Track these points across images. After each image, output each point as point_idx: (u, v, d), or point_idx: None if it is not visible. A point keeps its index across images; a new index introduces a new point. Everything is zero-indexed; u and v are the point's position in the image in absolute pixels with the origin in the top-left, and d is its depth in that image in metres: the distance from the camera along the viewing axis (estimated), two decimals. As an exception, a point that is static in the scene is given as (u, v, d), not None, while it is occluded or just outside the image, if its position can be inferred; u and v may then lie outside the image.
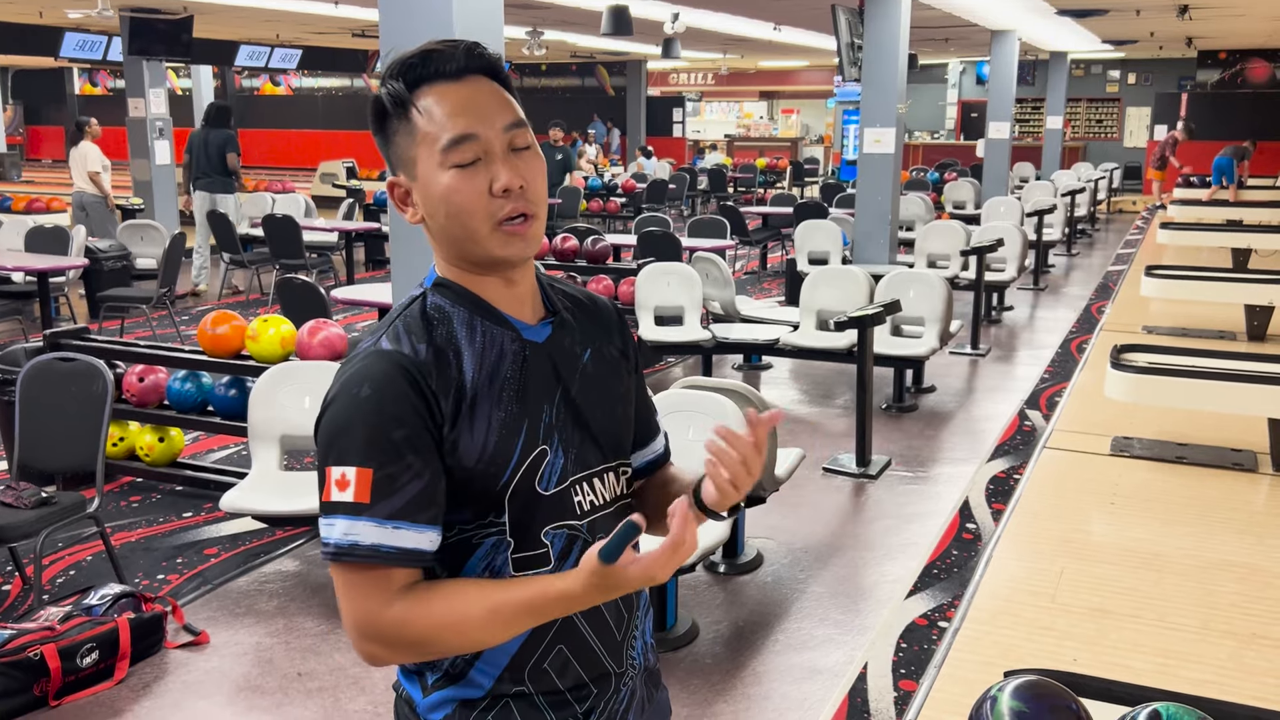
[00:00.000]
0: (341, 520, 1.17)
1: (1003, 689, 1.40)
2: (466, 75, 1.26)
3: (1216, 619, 2.30)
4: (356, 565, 1.17)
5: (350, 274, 10.44)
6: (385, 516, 1.17)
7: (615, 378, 1.39)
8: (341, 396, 1.20)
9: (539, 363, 1.29)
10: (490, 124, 1.24)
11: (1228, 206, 9.08)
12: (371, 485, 1.16)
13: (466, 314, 1.27)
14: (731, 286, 7.07)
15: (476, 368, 1.24)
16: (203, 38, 13.29)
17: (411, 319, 1.26)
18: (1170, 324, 4.96)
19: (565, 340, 1.33)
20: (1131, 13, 12.06)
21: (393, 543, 1.17)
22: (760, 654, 3.48)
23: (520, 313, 1.30)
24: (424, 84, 1.25)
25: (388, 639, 1.18)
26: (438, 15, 3.97)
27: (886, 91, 8.79)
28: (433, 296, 1.29)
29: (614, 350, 1.40)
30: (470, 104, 1.24)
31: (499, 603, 1.17)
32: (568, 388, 1.30)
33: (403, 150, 1.26)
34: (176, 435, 4.91)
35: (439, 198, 1.24)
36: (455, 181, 1.23)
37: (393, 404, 1.18)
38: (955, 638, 2.22)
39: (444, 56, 1.25)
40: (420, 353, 1.21)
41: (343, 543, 1.16)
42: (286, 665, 3.40)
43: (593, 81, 23.70)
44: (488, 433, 1.22)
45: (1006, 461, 5.26)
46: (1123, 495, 3.03)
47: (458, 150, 1.23)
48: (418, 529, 1.18)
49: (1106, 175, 17.25)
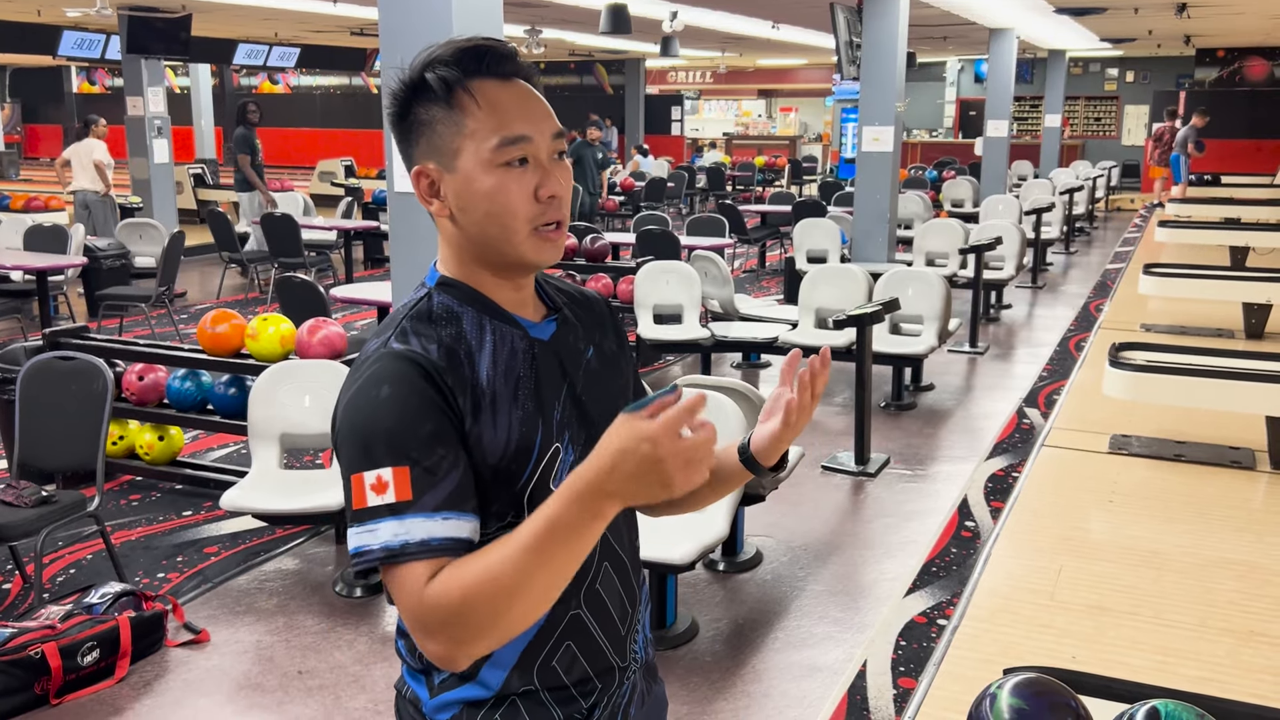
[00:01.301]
0: (387, 522, 1.13)
1: (1002, 686, 1.41)
2: (514, 78, 1.26)
3: (1215, 616, 2.30)
4: (409, 564, 1.13)
5: (349, 272, 10.44)
6: (433, 509, 1.14)
7: (616, 372, 1.40)
8: (360, 400, 1.18)
9: (547, 360, 1.29)
10: (541, 129, 1.24)
11: (1181, 204, 9.03)
12: (411, 481, 1.14)
13: (475, 313, 1.27)
14: (730, 285, 7.07)
15: (490, 367, 1.23)
16: (201, 36, 13.29)
17: (418, 319, 1.25)
18: (1169, 322, 4.97)
19: (569, 337, 1.34)
20: (1130, 11, 12.07)
21: (444, 534, 1.14)
22: (760, 652, 3.49)
23: (524, 311, 1.31)
24: (477, 77, 1.23)
25: (438, 619, 1.11)
26: (437, 13, 3.97)
27: (885, 90, 8.80)
28: (439, 296, 1.28)
29: (611, 345, 1.41)
30: (524, 106, 1.24)
31: (521, 531, 1.10)
32: (574, 384, 1.31)
33: (443, 140, 1.23)
34: (176, 434, 4.92)
35: (482, 194, 1.22)
36: (502, 181, 1.22)
37: (415, 400, 1.17)
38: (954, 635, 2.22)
39: (498, 56, 1.24)
40: (431, 352, 1.21)
41: (393, 544, 1.12)
42: (287, 663, 3.41)
43: (591, 80, 23.70)
44: (510, 430, 1.22)
45: (1005, 459, 5.27)
46: (1121, 493, 3.04)
47: (510, 149, 1.22)
48: (465, 517, 1.16)
49: (1105, 173, 17.26)
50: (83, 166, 10.12)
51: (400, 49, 4.17)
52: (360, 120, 25.34)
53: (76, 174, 10.22)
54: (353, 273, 10.51)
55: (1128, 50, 18.94)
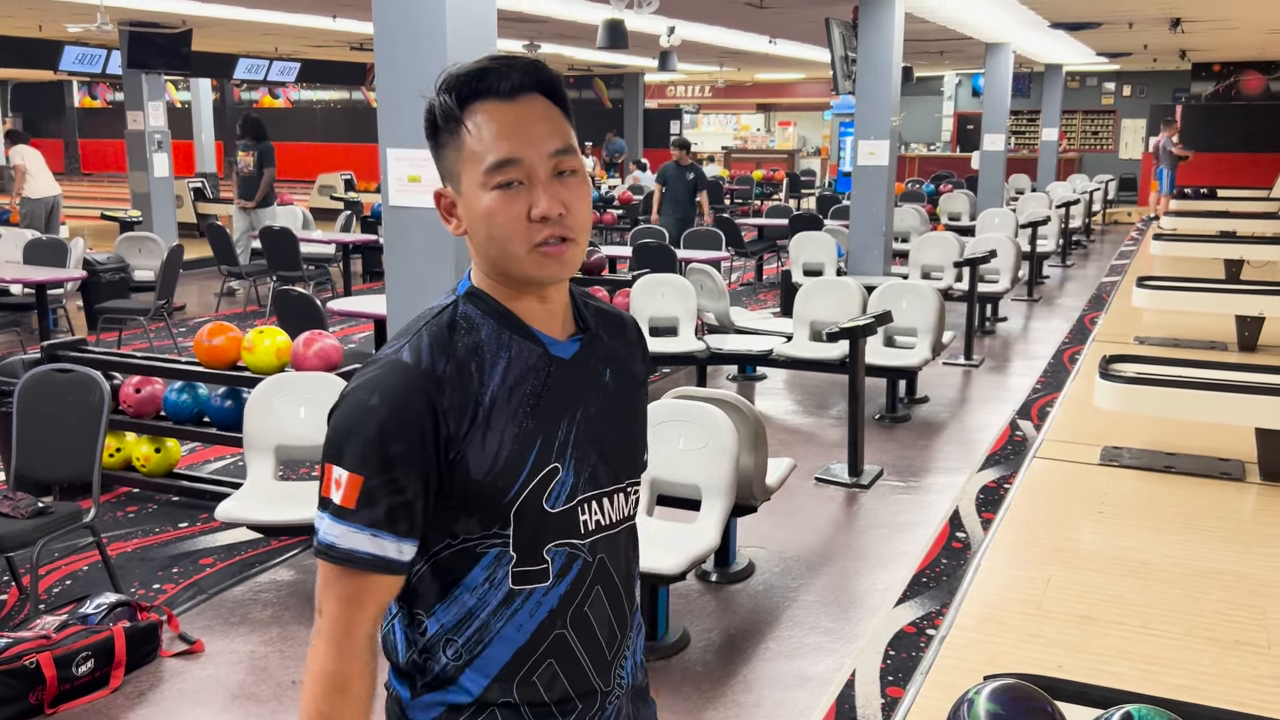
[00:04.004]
0: (327, 520, 1.23)
1: (979, 692, 1.42)
2: (521, 94, 1.26)
3: (1200, 626, 2.32)
4: (334, 566, 1.24)
5: (347, 286, 10.47)
6: (367, 523, 1.21)
7: (634, 396, 1.40)
8: (354, 399, 1.23)
9: (562, 379, 1.30)
10: (536, 148, 1.24)
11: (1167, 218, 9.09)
12: (360, 492, 1.20)
13: (495, 326, 1.28)
14: (726, 297, 7.10)
15: (499, 381, 1.25)
16: (202, 51, 13.35)
17: (438, 328, 1.27)
18: (1162, 334, 5.00)
19: (591, 359, 1.34)
20: (1124, 26, 12.13)
21: (368, 549, 1.22)
22: (750, 662, 3.50)
23: (550, 328, 1.32)
24: (476, 100, 1.24)
25: (317, 650, 1.24)
26: (432, 28, 4.00)
27: (880, 104, 8.85)
28: (464, 305, 1.30)
29: (635, 368, 1.42)
30: (518, 126, 1.24)
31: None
32: (587, 406, 1.31)
33: (450, 164, 1.28)
34: (173, 446, 4.93)
35: (479, 216, 1.25)
36: (495, 204, 1.24)
37: (398, 417, 1.20)
38: (942, 645, 2.24)
39: (498, 74, 1.25)
40: (439, 367, 1.23)
41: (324, 540, 1.23)
42: (281, 673, 3.42)
43: (590, 94, 23.78)
44: (499, 446, 1.23)
45: (997, 471, 5.28)
46: (1111, 504, 3.06)
47: (500, 173, 1.23)
48: (395, 538, 1.23)
49: (1101, 187, 17.31)
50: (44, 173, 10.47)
51: (396, 64, 4.20)
52: (360, 134, 25.39)
53: (44, 182, 10.53)
54: (351, 286, 10.53)
55: (1124, 64, 19.02)
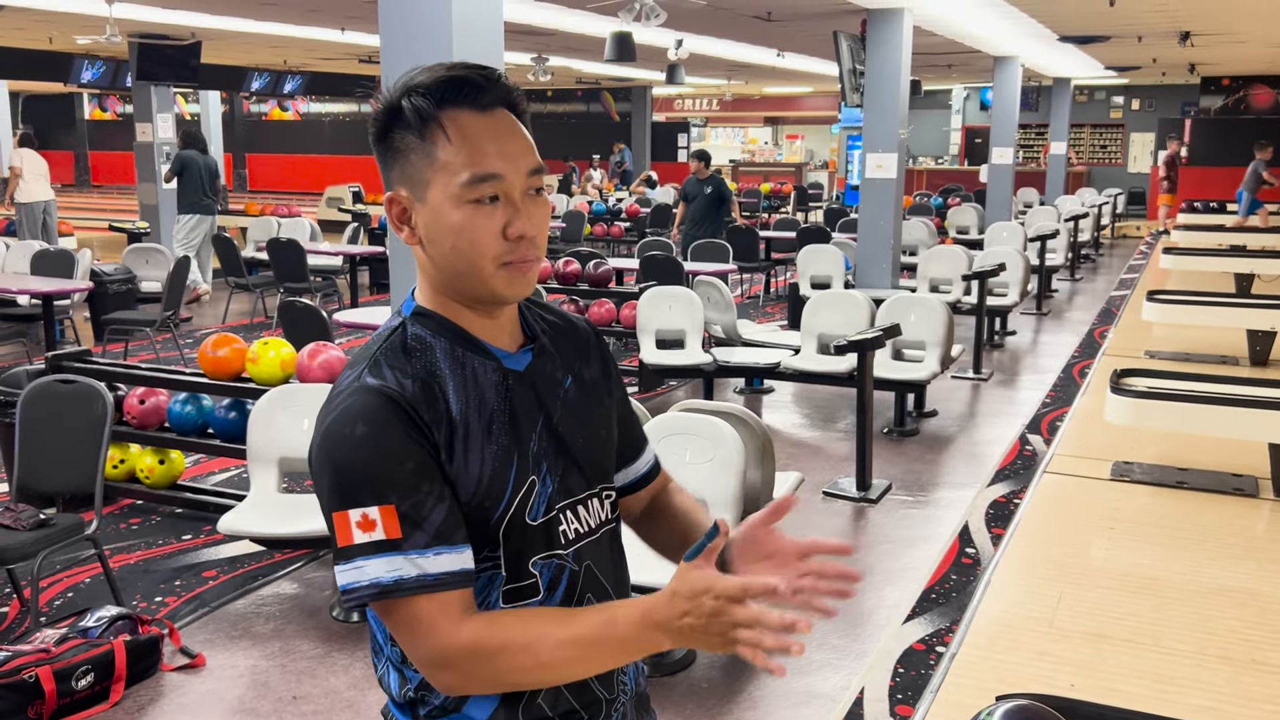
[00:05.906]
0: (377, 560, 1.15)
1: (992, 713, 1.39)
2: (494, 108, 1.23)
3: (1214, 644, 2.28)
4: (409, 599, 1.15)
5: (354, 297, 10.48)
6: (424, 545, 1.15)
7: (596, 401, 1.38)
8: (335, 437, 1.17)
9: (522, 392, 1.27)
10: (516, 166, 1.22)
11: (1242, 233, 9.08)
12: (400, 519, 1.15)
13: (448, 344, 1.25)
14: (733, 310, 7.07)
15: (462, 401, 1.22)
16: (211, 63, 13.40)
17: (391, 351, 1.24)
18: (1173, 349, 4.95)
19: (546, 367, 1.32)
20: (1133, 39, 12.11)
21: (439, 569, 1.15)
22: (757, 679, 3.46)
23: (500, 340, 1.29)
24: (452, 108, 1.21)
25: (463, 663, 1.16)
26: (438, 40, 4.00)
27: (888, 117, 8.83)
28: (412, 327, 1.27)
29: (594, 372, 1.39)
30: (499, 142, 1.22)
31: (577, 620, 1.17)
32: (550, 415, 1.29)
33: (415, 170, 1.22)
34: (177, 458, 4.91)
35: (449, 229, 1.21)
36: (470, 218, 1.20)
37: (394, 437, 1.16)
38: (952, 663, 2.20)
39: (477, 86, 1.22)
40: (406, 387, 1.19)
41: (385, 580, 1.14)
42: (282, 688, 3.38)
43: (598, 107, 23.83)
44: (482, 466, 1.21)
45: (1007, 486, 5.24)
46: (1122, 520, 3.02)
47: (479, 187, 1.20)
48: (456, 550, 1.17)
49: (1110, 200, 17.27)
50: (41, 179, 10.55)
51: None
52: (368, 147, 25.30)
53: (41, 187, 10.60)
54: (358, 297, 10.54)
55: (1133, 78, 19.01)
